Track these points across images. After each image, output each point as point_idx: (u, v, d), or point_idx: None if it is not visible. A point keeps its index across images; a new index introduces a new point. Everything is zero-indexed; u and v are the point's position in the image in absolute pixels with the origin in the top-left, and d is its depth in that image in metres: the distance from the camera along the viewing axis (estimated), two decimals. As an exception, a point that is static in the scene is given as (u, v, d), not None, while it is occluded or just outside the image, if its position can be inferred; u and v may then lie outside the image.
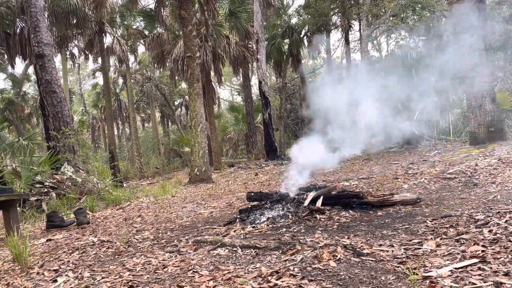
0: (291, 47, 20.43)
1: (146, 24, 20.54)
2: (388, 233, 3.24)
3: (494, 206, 3.59)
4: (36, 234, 5.37)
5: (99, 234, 4.74)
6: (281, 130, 21.31)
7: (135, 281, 2.67)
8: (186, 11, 11.55)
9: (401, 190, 5.30)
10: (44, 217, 6.25)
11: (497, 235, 2.71)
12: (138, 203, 7.53)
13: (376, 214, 4.04)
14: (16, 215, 4.94)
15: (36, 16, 9.62)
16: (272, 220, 4.09)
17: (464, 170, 5.84)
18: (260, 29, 16.26)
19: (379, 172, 7.55)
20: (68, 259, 3.54)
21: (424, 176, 6.03)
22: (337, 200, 4.44)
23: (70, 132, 9.35)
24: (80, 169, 9.10)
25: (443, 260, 2.41)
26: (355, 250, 2.77)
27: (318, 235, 3.33)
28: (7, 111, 23.26)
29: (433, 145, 10.68)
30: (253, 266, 2.69)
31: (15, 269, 3.39)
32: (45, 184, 7.86)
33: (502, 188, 4.42)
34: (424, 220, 3.47)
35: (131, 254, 3.47)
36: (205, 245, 3.41)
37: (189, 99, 11.77)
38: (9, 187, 5.95)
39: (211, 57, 17.57)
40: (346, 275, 2.35)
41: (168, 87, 29.70)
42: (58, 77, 10.31)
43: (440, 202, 4.25)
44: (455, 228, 3.06)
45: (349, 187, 6.00)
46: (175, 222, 5.03)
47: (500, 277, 2.05)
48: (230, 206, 5.91)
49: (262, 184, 8.69)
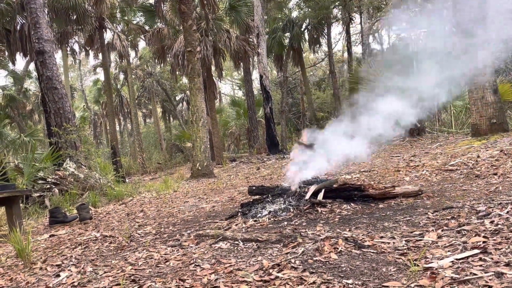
0: (292, 40, 20.38)
1: (146, 19, 20.49)
2: (390, 225, 3.24)
3: (496, 198, 3.59)
4: (39, 229, 5.40)
5: (102, 229, 4.76)
6: (283, 124, 21.30)
7: (137, 275, 2.68)
8: (186, 6, 11.50)
9: (403, 183, 5.30)
10: (46, 213, 6.28)
11: (498, 226, 2.71)
12: (140, 198, 7.55)
13: (378, 206, 4.03)
14: (19, 211, 4.96)
15: (36, 12, 9.60)
16: (273, 213, 4.10)
17: (466, 162, 5.82)
18: (261, 23, 16.22)
19: (380, 165, 7.54)
20: (70, 254, 3.56)
21: (425, 168, 6.02)
22: (339, 193, 4.44)
23: (71, 128, 9.36)
24: (82, 165, 9.12)
25: (444, 252, 2.41)
26: (357, 242, 2.78)
27: (319, 228, 3.33)
28: (8, 108, 23.29)
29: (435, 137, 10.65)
30: (255, 259, 2.70)
31: (18, 264, 3.41)
32: (47, 180, 7.89)
33: (504, 180, 4.41)
34: (425, 212, 3.47)
35: (133, 249, 3.49)
36: (207, 239, 3.42)
37: (190, 94, 11.76)
38: (11, 183, 5.98)
39: (211, 52, 17.51)
40: (347, 267, 2.35)
41: (169, 82, 29.67)
42: (59, 74, 10.31)
43: (442, 194, 4.24)
44: (457, 220, 3.05)
45: (350, 180, 6.00)
46: (177, 217, 5.04)
47: (501, 268, 2.05)
48: (232, 200, 5.92)
49: (264, 178, 8.69)
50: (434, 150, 8.20)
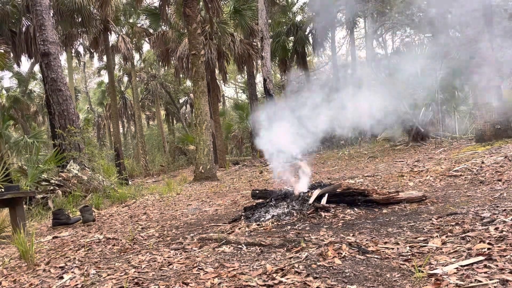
0: (296, 44, 20.39)
1: (151, 22, 20.60)
2: (393, 230, 3.23)
3: (500, 204, 3.57)
4: (42, 231, 5.41)
5: (105, 231, 4.76)
6: (286, 128, 21.23)
7: (140, 278, 2.68)
8: (190, 9, 11.55)
9: (407, 188, 5.29)
10: (50, 214, 6.29)
11: (503, 233, 2.70)
12: (143, 201, 7.55)
13: (381, 211, 4.02)
14: (23, 212, 4.97)
15: (42, 14, 9.65)
16: (277, 217, 4.09)
17: (470, 167, 5.80)
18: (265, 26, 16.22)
19: (384, 170, 7.53)
20: (74, 256, 3.56)
21: (429, 173, 6.00)
22: (342, 198, 4.43)
23: (75, 130, 9.39)
24: (86, 167, 9.15)
25: (449, 258, 2.40)
26: (360, 247, 2.77)
27: (323, 233, 3.32)
28: (13, 109, 23.40)
29: (438, 142, 10.62)
30: (258, 263, 2.69)
31: (21, 266, 3.42)
32: (51, 182, 7.91)
33: (509, 186, 4.39)
34: (429, 218, 3.46)
35: (136, 251, 3.49)
36: (210, 242, 3.41)
37: (194, 97, 11.79)
38: (15, 185, 6.00)
39: (215, 55, 17.58)
40: (351, 273, 2.35)
41: (173, 85, 29.78)
42: (64, 75, 10.35)
43: (446, 199, 4.23)
44: (461, 226, 3.04)
45: (354, 185, 5.98)
46: (180, 220, 5.04)
47: (506, 275, 2.04)
48: (235, 203, 5.91)
49: (267, 182, 8.69)
50: (438, 156, 8.18)
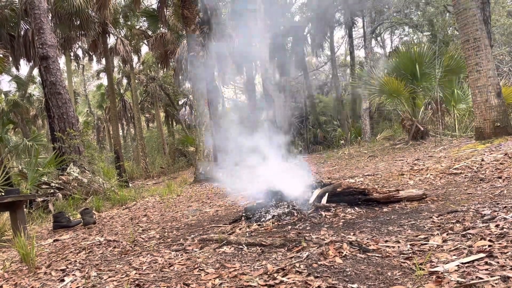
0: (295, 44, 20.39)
1: (149, 24, 20.60)
2: (394, 229, 3.23)
3: (501, 201, 3.57)
4: (43, 234, 5.41)
5: (106, 233, 4.76)
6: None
7: (141, 279, 2.68)
8: (189, 11, 11.56)
9: (407, 186, 5.28)
10: (50, 217, 6.29)
11: (504, 230, 2.70)
12: (143, 203, 7.55)
13: (382, 210, 4.02)
14: (23, 216, 4.97)
15: (40, 18, 9.66)
16: (277, 217, 4.09)
17: (470, 165, 5.80)
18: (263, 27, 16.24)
19: (384, 169, 7.52)
20: (75, 259, 3.56)
21: (430, 172, 6.00)
22: (343, 197, 4.43)
23: (75, 133, 9.39)
24: (86, 170, 9.14)
25: (450, 255, 2.40)
26: (361, 246, 2.77)
27: (323, 232, 3.32)
28: (12, 113, 23.39)
29: (438, 140, 10.61)
30: (259, 264, 2.69)
31: (22, 269, 3.41)
32: (51, 185, 7.91)
33: (509, 183, 4.39)
34: (430, 216, 3.45)
35: (137, 253, 3.49)
36: (210, 243, 3.41)
37: (193, 98, 11.79)
38: (15, 188, 5.99)
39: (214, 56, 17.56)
40: (352, 271, 2.35)
41: (172, 87, 29.75)
42: (63, 79, 10.35)
43: (446, 197, 4.23)
44: (462, 223, 3.04)
45: (354, 184, 5.97)
46: (181, 221, 5.04)
47: (507, 272, 2.04)
48: (235, 204, 5.91)
49: (267, 182, 8.66)
50: (438, 154, 8.18)
